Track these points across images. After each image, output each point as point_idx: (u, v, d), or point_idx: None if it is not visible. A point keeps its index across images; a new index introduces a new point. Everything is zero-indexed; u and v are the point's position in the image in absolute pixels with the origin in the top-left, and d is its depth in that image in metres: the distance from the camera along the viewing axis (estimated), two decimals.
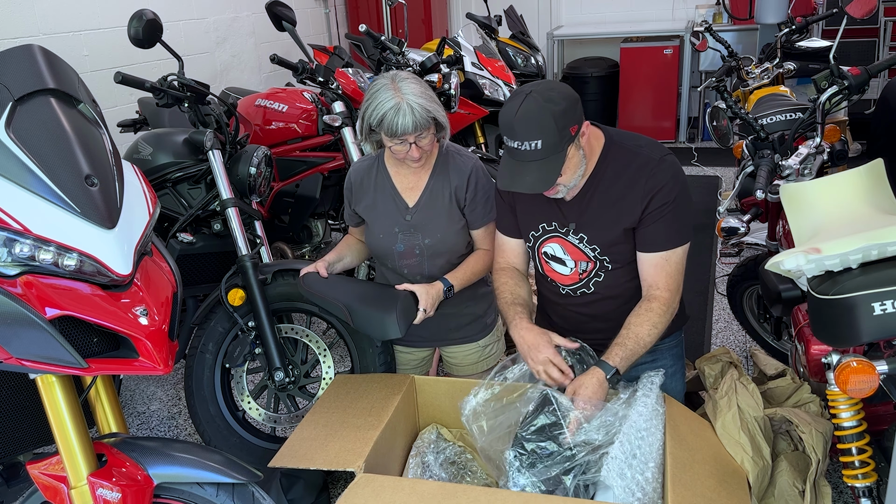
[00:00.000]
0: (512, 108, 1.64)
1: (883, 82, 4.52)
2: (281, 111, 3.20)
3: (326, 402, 1.99)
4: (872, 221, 1.58)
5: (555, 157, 1.65)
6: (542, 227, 1.90)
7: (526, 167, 1.66)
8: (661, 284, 1.79)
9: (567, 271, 1.90)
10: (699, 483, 1.56)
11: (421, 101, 1.83)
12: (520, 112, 1.62)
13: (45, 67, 1.48)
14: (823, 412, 1.84)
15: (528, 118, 1.62)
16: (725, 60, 3.90)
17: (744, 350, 3.01)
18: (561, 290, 1.94)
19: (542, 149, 1.63)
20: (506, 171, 1.71)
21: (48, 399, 1.42)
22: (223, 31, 4.79)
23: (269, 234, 2.78)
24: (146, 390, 3.10)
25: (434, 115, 1.87)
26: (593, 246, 1.83)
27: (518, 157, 1.67)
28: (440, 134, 1.97)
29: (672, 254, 1.78)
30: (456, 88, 3.76)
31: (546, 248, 1.91)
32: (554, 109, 1.61)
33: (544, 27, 6.73)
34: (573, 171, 1.72)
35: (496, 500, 1.53)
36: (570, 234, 1.85)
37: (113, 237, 1.39)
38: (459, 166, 2.03)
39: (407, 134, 1.84)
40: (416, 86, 1.86)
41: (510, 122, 1.64)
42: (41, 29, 3.47)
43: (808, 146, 2.18)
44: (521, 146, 1.64)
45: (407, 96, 1.82)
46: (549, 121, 1.61)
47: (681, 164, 1.84)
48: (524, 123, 1.62)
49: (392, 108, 1.82)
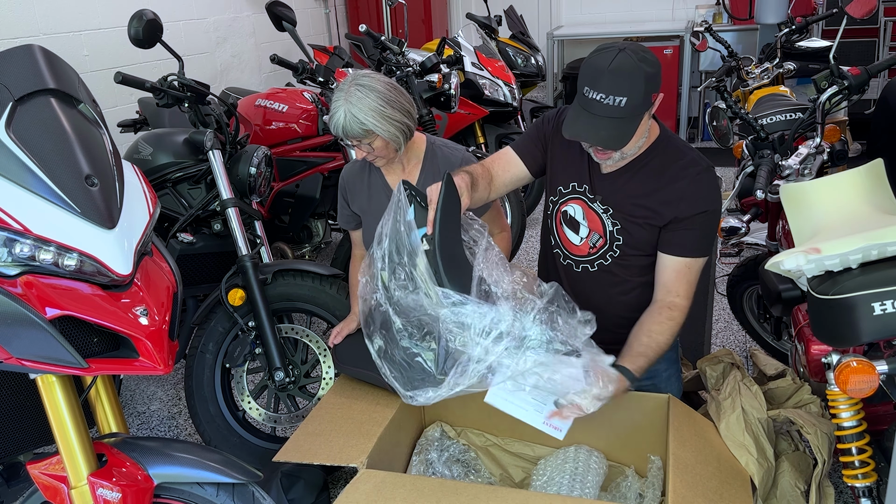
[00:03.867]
0: (604, 59, 1.59)
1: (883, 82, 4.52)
2: (281, 111, 3.20)
3: (331, 398, 1.99)
4: (872, 221, 1.58)
5: (632, 119, 1.62)
6: (572, 185, 1.86)
7: (601, 121, 1.62)
8: (681, 292, 1.77)
9: (578, 241, 1.88)
10: (701, 484, 1.56)
11: (357, 112, 1.85)
12: (613, 64, 1.57)
13: (46, 67, 1.48)
14: (824, 413, 1.84)
15: (621, 73, 1.57)
16: (725, 60, 3.90)
17: (744, 350, 3.01)
18: (563, 261, 1.92)
19: (624, 107, 1.59)
20: (577, 121, 1.65)
21: (48, 399, 1.41)
22: (223, 31, 4.79)
23: (269, 234, 2.78)
24: (146, 390, 3.10)
25: (369, 129, 1.88)
26: (614, 221, 1.81)
27: (595, 110, 1.62)
28: (395, 142, 1.95)
29: (695, 262, 1.77)
30: (456, 88, 3.76)
31: (567, 208, 1.88)
32: (647, 71, 1.58)
33: (544, 27, 6.73)
34: (637, 139, 1.69)
35: (496, 497, 1.53)
36: (597, 202, 1.82)
37: (113, 237, 1.39)
38: (448, 158, 2.05)
39: (341, 136, 1.90)
40: (368, 96, 1.86)
41: (600, 72, 1.58)
42: (41, 29, 3.47)
43: (808, 146, 2.18)
44: (604, 99, 1.59)
45: (349, 103, 1.86)
46: (639, 81, 1.58)
47: None
48: (615, 77, 1.57)
49: (336, 111, 1.88)
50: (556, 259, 1.93)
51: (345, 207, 2.16)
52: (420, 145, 2.08)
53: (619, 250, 1.83)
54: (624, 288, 1.87)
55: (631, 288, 1.87)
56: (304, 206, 3.22)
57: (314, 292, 2.34)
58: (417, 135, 2.06)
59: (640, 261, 1.83)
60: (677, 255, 1.77)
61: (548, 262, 2.00)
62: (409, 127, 1.94)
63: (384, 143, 1.93)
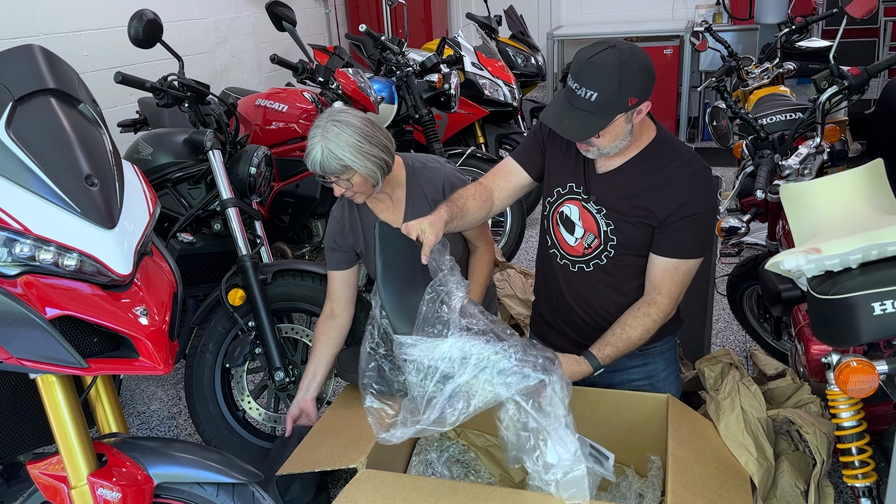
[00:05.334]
0: (589, 52, 1.63)
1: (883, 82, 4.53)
2: (281, 111, 3.20)
3: (333, 411, 2.00)
4: (872, 221, 1.58)
5: (602, 117, 1.64)
6: (570, 186, 1.88)
7: (572, 112, 1.65)
8: (664, 290, 1.79)
9: (573, 241, 1.89)
10: (700, 484, 1.56)
11: (334, 147, 1.84)
12: (593, 59, 1.61)
13: (46, 67, 1.48)
14: (824, 412, 1.84)
15: (597, 68, 1.60)
16: (725, 60, 3.90)
17: (744, 350, 3.01)
18: (559, 261, 1.93)
19: (594, 102, 1.62)
20: (553, 108, 1.70)
21: (48, 399, 1.42)
22: (223, 31, 4.79)
23: (269, 234, 2.78)
24: (146, 390, 3.10)
25: (346, 164, 1.86)
26: (607, 221, 1.82)
27: (570, 100, 1.66)
28: (372, 178, 1.92)
29: (683, 263, 1.78)
30: (456, 88, 3.76)
31: (564, 209, 1.90)
32: (625, 72, 1.60)
33: (544, 27, 6.73)
34: (612, 139, 1.71)
35: (496, 497, 1.53)
36: (591, 202, 1.84)
37: (113, 237, 1.39)
38: (431, 181, 2.03)
39: (320, 173, 1.88)
40: (345, 132, 1.84)
41: (580, 64, 1.63)
42: (41, 29, 3.47)
43: (808, 146, 2.18)
44: (578, 90, 1.63)
45: (326, 139, 1.84)
46: (614, 80, 1.59)
47: None
48: (591, 70, 1.61)
49: (312, 147, 1.86)
50: (553, 259, 1.94)
51: (336, 248, 2.11)
52: (400, 172, 2.04)
53: (614, 250, 1.84)
54: (619, 289, 1.87)
55: (627, 289, 1.87)
56: (304, 206, 3.22)
57: (314, 292, 2.35)
58: (395, 160, 2.02)
59: (635, 261, 1.84)
60: (665, 255, 1.79)
61: (545, 262, 2.01)
62: (386, 163, 1.91)
63: (362, 179, 1.90)
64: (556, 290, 1.97)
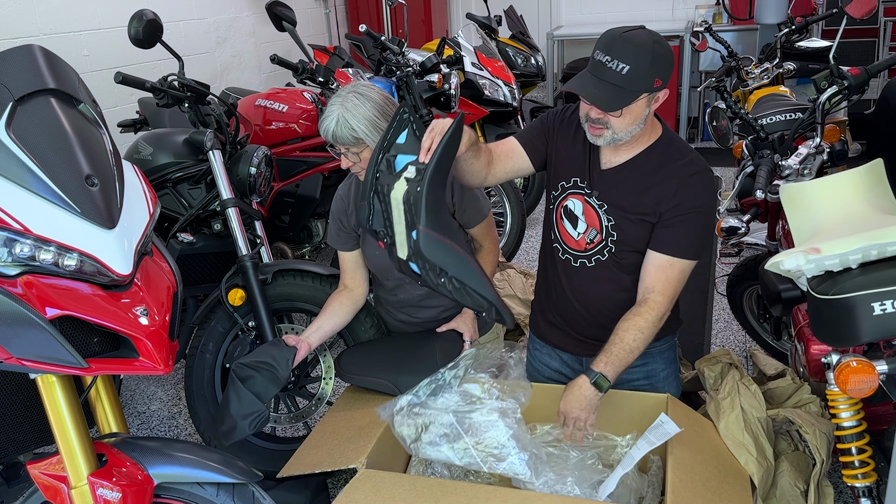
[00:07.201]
0: (622, 28, 1.66)
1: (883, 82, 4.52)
2: (281, 111, 3.20)
3: (334, 412, 2.01)
4: (872, 221, 1.58)
5: (629, 92, 1.65)
6: (574, 180, 1.88)
7: (599, 83, 1.66)
8: (657, 288, 1.79)
9: (576, 235, 1.89)
10: (700, 484, 1.56)
11: (350, 118, 1.84)
12: (628, 34, 1.64)
13: (46, 67, 1.48)
14: (824, 412, 1.84)
15: (631, 42, 1.63)
16: (725, 60, 3.90)
17: (744, 350, 3.01)
18: (561, 256, 1.93)
19: (625, 75, 1.63)
20: (579, 80, 1.70)
21: (48, 399, 1.42)
22: (223, 31, 4.79)
23: (269, 234, 2.78)
24: (146, 390, 3.10)
25: (359, 136, 1.86)
26: (609, 217, 1.83)
27: (598, 72, 1.67)
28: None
29: (678, 262, 1.78)
30: (456, 88, 3.76)
31: (568, 203, 1.90)
32: (657, 51, 1.64)
33: (544, 27, 6.73)
34: (630, 121, 1.71)
35: (496, 497, 1.53)
36: (594, 198, 1.85)
37: (113, 237, 1.39)
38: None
39: (331, 141, 1.88)
40: (364, 105, 1.85)
41: (612, 37, 1.65)
42: (41, 29, 3.47)
43: (807, 146, 2.18)
44: (608, 62, 1.64)
45: (345, 108, 1.85)
46: (647, 56, 1.62)
47: None
48: (625, 43, 1.63)
49: (329, 114, 1.87)
50: (556, 253, 1.95)
51: (341, 229, 2.12)
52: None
53: (615, 246, 1.84)
54: (620, 285, 1.88)
55: (627, 285, 1.87)
56: (304, 206, 3.22)
57: (314, 292, 2.34)
58: None
59: (635, 258, 1.84)
60: (660, 251, 1.79)
61: (547, 257, 2.02)
62: None
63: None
64: (557, 285, 1.98)
